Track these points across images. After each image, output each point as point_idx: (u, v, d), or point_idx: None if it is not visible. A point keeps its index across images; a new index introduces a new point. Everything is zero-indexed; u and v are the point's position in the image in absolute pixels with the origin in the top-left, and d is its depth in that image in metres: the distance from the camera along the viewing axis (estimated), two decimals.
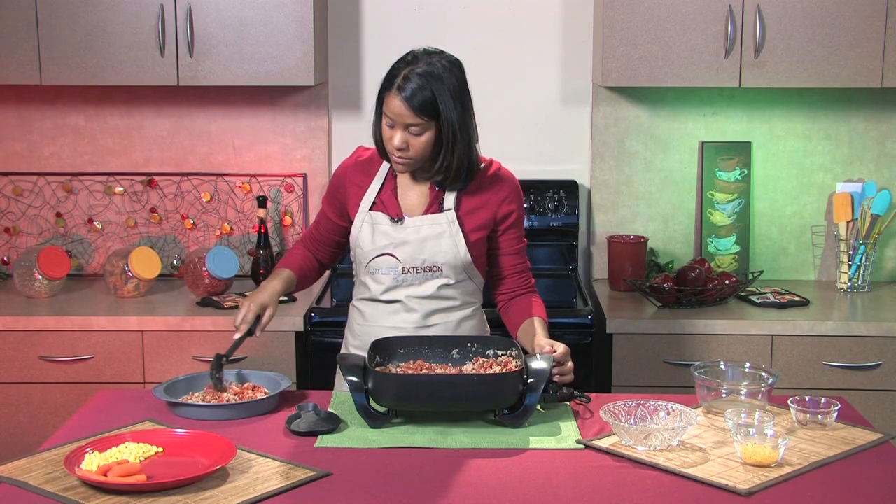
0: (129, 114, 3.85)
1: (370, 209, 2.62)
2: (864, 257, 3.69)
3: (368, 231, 2.61)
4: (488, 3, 3.83)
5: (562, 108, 3.88)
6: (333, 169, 3.90)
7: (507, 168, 2.67)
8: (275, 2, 3.46)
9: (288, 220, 3.89)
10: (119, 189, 3.88)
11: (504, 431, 2.30)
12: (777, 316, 3.39)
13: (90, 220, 3.90)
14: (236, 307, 3.41)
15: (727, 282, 3.51)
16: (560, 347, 2.45)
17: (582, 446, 2.22)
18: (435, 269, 2.59)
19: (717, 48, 3.46)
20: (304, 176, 3.86)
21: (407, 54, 2.50)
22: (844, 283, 3.71)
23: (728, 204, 3.83)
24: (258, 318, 2.56)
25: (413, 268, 2.59)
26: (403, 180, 2.63)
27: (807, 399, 2.36)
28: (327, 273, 3.87)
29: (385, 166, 2.64)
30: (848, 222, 3.72)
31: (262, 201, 3.75)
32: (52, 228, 3.90)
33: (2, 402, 3.38)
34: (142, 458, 2.09)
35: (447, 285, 2.61)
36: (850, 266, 3.70)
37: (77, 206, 3.89)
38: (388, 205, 2.61)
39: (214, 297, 3.51)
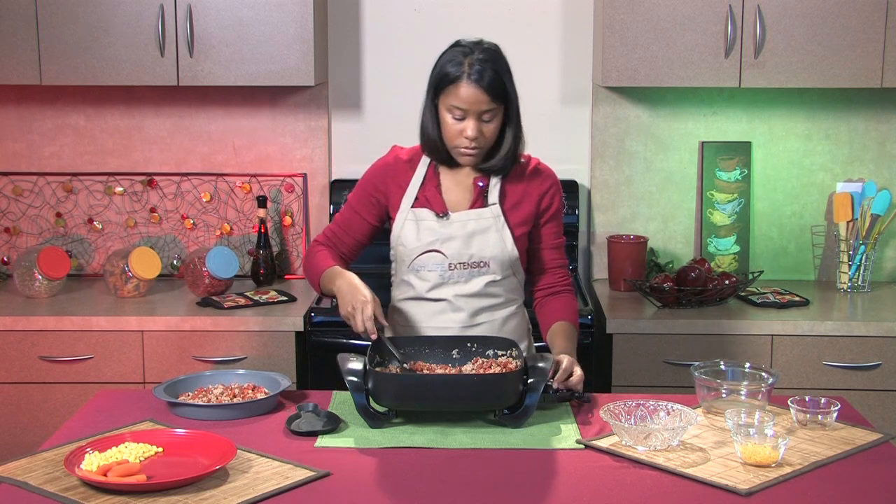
0: (129, 114, 3.85)
1: (412, 206, 2.61)
2: (864, 257, 3.69)
3: (412, 228, 2.59)
4: (488, 3, 3.83)
5: (562, 108, 3.88)
6: (333, 169, 3.90)
7: (544, 164, 2.70)
8: (275, 2, 3.46)
9: (288, 220, 3.89)
10: (119, 189, 3.88)
11: (504, 431, 2.30)
12: (777, 316, 3.39)
13: (90, 220, 3.90)
14: (236, 307, 3.42)
15: (727, 282, 3.50)
16: (564, 360, 2.45)
17: (582, 446, 2.22)
18: (482, 264, 2.58)
19: (717, 48, 3.46)
20: (304, 176, 3.86)
21: (456, 46, 2.52)
22: (844, 283, 3.71)
23: (728, 204, 3.83)
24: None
25: (460, 263, 2.58)
26: (446, 176, 2.62)
27: (807, 399, 2.36)
28: None
29: (424, 164, 2.63)
30: (848, 222, 3.72)
31: (262, 201, 3.75)
32: (52, 228, 3.90)
33: (2, 402, 3.38)
34: (142, 458, 2.09)
35: (493, 282, 2.60)
36: (850, 266, 3.70)
37: (77, 206, 3.89)
38: (433, 201, 2.60)
39: (214, 297, 3.51)
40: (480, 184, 2.60)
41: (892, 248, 3.86)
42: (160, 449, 2.14)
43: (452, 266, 2.58)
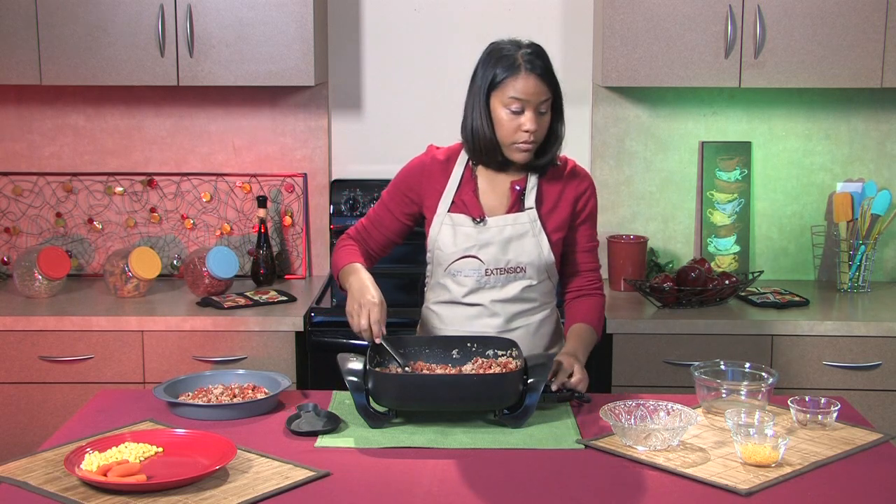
0: (129, 114, 3.85)
1: (449, 210, 2.60)
2: (864, 257, 3.69)
3: (449, 233, 2.58)
4: (488, 3, 3.83)
5: None
6: (333, 169, 3.90)
7: (580, 166, 2.70)
8: (275, 2, 3.46)
9: (288, 220, 3.89)
10: (119, 189, 3.88)
11: (504, 431, 2.30)
12: (777, 316, 3.39)
13: (90, 220, 3.90)
14: (236, 307, 3.42)
15: (727, 282, 3.50)
16: (564, 361, 2.47)
17: (582, 446, 2.22)
18: (518, 269, 2.58)
19: (717, 48, 3.46)
20: (304, 176, 3.86)
21: (498, 46, 2.53)
22: (844, 283, 3.71)
23: (728, 204, 3.83)
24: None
25: (497, 269, 2.58)
26: (484, 180, 2.61)
27: (807, 399, 2.36)
28: (327, 273, 3.88)
29: (460, 166, 2.62)
30: (848, 222, 3.72)
31: (262, 201, 3.75)
32: (52, 228, 3.90)
33: (2, 402, 3.38)
34: (142, 458, 2.09)
35: (529, 286, 2.60)
36: (850, 266, 3.70)
37: (77, 206, 3.89)
38: (470, 205, 2.59)
39: (214, 297, 3.51)
40: (517, 187, 2.59)
41: (892, 248, 3.86)
42: (160, 449, 2.14)
43: (489, 272, 2.58)
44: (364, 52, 3.86)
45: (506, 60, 2.49)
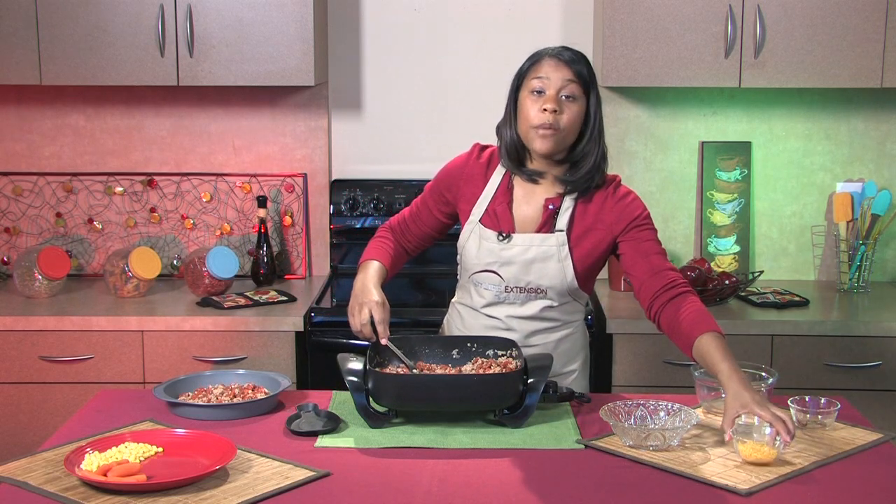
0: (129, 114, 3.85)
1: (480, 220, 2.56)
2: (863, 257, 3.69)
3: (475, 244, 2.55)
4: (488, 3, 3.83)
5: None
6: (333, 169, 3.90)
7: (625, 186, 2.60)
8: (275, 2, 3.46)
9: (288, 220, 3.88)
10: (119, 189, 3.88)
11: (504, 431, 2.30)
12: (777, 316, 3.38)
13: (90, 220, 3.90)
14: (236, 307, 3.42)
15: (727, 282, 3.50)
16: (784, 418, 2.15)
17: (582, 446, 2.22)
18: (539, 291, 2.53)
19: (717, 48, 3.46)
20: (304, 176, 3.86)
21: (541, 51, 2.51)
22: (844, 283, 3.71)
23: (728, 204, 3.83)
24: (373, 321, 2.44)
25: (517, 287, 2.53)
26: (520, 192, 2.55)
27: (807, 399, 2.36)
28: (328, 273, 3.88)
29: (498, 174, 2.57)
30: (848, 222, 3.72)
31: (262, 201, 3.75)
32: (52, 228, 3.90)
33: (2, 402, 3.38)
34: (142, 458, 2.09)
35: (550, 307, 2.55)
36: (850, 266, 3.70)
37: (77, 206, 3.89)
38: (502, 218, 2.54)
39: (214, 297, 3.51)
40: (551, 206, 2.52)
41: (892, 248, 3.86)
42: (160, 449, 2.14)
43: (509, 289, 2.54)
44: (364, 52, 3.86)
45: (534, 56, 2.50)
